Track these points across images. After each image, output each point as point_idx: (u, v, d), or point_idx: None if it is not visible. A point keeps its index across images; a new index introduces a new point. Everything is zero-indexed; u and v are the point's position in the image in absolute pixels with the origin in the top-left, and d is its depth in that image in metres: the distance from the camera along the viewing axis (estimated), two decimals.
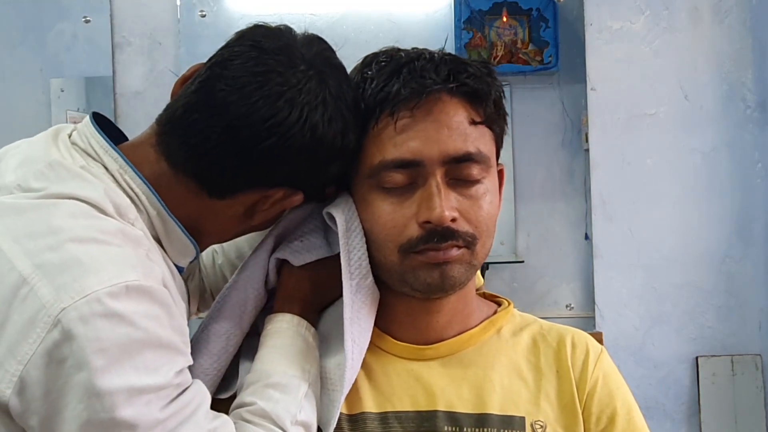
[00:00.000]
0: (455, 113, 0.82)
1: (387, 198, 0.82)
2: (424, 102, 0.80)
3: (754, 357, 2.47)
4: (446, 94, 0.81)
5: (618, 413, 0.88)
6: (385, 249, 0.82)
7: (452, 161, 0.81)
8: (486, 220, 0.83)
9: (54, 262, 0.70)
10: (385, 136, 0.81)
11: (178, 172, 0.81)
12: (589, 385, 0.88)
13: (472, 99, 0.83)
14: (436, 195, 0.80)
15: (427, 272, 0.81)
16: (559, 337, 0.92)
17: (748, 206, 2.49)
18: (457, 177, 0.82)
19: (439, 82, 0.81)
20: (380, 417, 0.84)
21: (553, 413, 0.86)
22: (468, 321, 0.90)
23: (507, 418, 0.84)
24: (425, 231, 0.80)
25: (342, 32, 2.59)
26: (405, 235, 0.81)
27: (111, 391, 0.68)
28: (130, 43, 2.43)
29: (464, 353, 0.89)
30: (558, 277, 2.61)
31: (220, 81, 0.81)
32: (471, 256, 0.83)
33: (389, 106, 0.81)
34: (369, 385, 0.86)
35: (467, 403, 0.85)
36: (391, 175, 0.81)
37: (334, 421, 0.80)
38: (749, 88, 2.50)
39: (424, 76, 0.81)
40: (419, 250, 0.81)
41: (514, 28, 2.63)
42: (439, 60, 0.83)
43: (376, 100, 0.82)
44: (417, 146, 0.80)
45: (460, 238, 0.81)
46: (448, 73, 0.82)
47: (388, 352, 0.88)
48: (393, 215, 0.81)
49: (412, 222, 0.81)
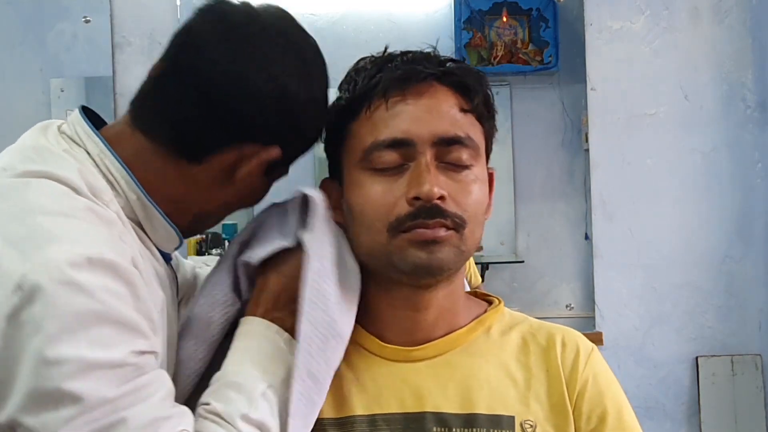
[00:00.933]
0: (445, 99, 0.84)
1: (378, 178, 0.83)
2: (415, 85, 0.83)
3: (754, 357, 2.47)
4: (437, 82, 0.84)
5: (608, 412, 0.87)
6: (373, 229, 0.83)
7: (442, 142, 0.82)
8: (474, 206, 0.84)
9: (20, 234, 0.71)
10: (377, 117, 0.83)
11: (154, 142, 0.83)
12: (579, 384, 0.88)
13: (462, 89, 0.85)
14: (425, 172, 0.81)
15: (414, 252, 0.81)
16: (549, 335, 0.91)
17: (748, 206, 2.50)
18: (446, 161, 0.83)
19: (430, 68, 0.84)
20: (368, 420, 0.84)
21: (543, 413, 0.86)
22: (456, 320, 0.90)
23: (495, 418, 0.84)
24: (414, 208, 0.81)
25: (342, 32, 2.59)
26: (394, 213, 0.81)
27: (60, 359, 0.67)
28: (130, 43, 2.43)
29: (452, 354, 0.88)
30: (558, 277, 2.62)
31: (184, 46, 0.84)
32: (459, 240, 0.83)
33: (381, 89, 0.83)
34: (356, 389, 0.85)
35: (455, 404, 0.85)
36: (382, 154, 0.82)
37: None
38: (749, 88, 2.50)
39: (415, 63, 0.84)
40: (407, 227, 0.81)
41: (514, 28, 2.63)
42: (433, 54, 0.87)
43: (368, 85, 0.84)
44: (408, 126, 0.82)
45: (449, 218, 0.81)
46: (439, 63, 0.85)
47: (376, 354, 0.87)
48: (383, 194, 0.82)
49: (401, 200, 0.81)
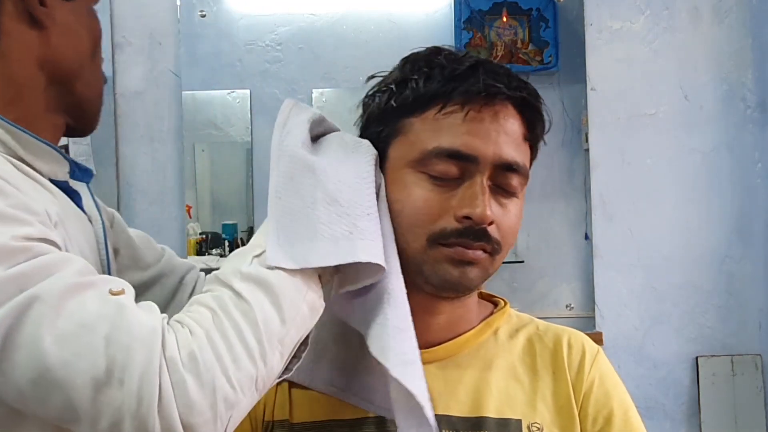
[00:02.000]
0: (515, 123, 0.83)
1: (429, 185, 0.81)
2: (493, 104, 0.82)
3: (754, 357, 2.47)
4: (511, 104, 0.83)
5: (615, 414, 0.87)
6: (411, 234, 0.82)
7: (502, 167, 0.82)
8: (513, 234, 0.84)
9: None
10: (446, 124, 0.81)
11: None
12: (585, 386, 0.88)
13: (530, 116, 0.85)
14: (481, 193, 0.80)
15: (448, 267, 0.81)
16: (555, 337, 0.92)
17: (748, 206, 2.49)
18: (498, 184, 0.83)
19: (511, 90, 0.83)
20: (377, 421, 0.84)
21: (550, 415, 0.86)
22: (465, 323, 0.90)
23: (503, 421, 0.84)
24: (462, 226, 0.80)
25: (342, 32, 2.59)
26: (439, 224, 0.81)
27: None
28: (130, 43, 2.43)
29: (461, 356, 0.88)
30: (558, 277, 2.61)
31: None
32: (490, 264, 0.83)
33: (460, 96, 0.81)
34: None
35: (463, 407, 0.85)
36: (442, 162, 0.81)
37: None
38: (749, 88, 2.50)
39: (498, 80, 0.82)
40: (449, 243, 0.80)
41: (514, 28, 2.63)
42: (507, 71, 0.86)
43: (446, 86, 0.82)
44: (477, 143, 0.81)
45: (491, 243, 0.81)
46: (517, 85, 0.84)
47: None
48: (431, 202, 0.81)
49: (449, 214, 0.81)
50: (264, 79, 2.62)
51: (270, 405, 0.87)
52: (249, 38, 2.61)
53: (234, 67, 2.64)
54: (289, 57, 2.60)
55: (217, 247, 2.66)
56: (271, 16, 2.61)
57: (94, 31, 0.90)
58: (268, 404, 0.87)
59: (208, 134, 2.67)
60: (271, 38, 2.60)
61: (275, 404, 0.87)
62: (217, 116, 2.68)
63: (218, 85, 2.67)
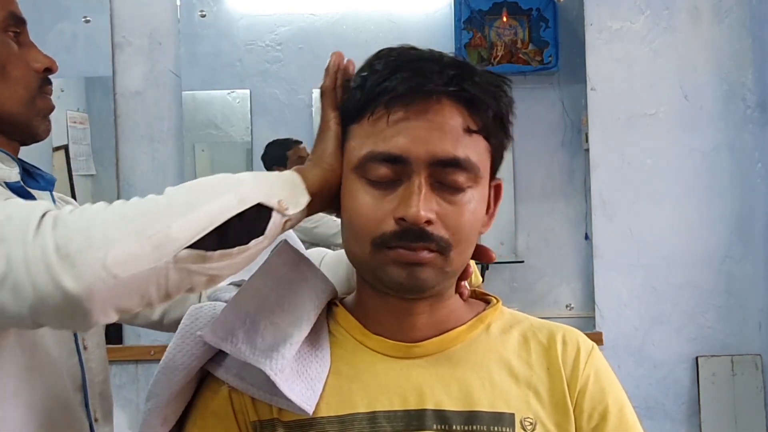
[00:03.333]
0: (450, 117, 0.81)
1: (370, 190, 0.82)
2: (420, 101, 0.80)
3: (754, 357, 2.47)
4: (445, 98, 0.81)
5: (610, 410, 0.87)
6: (360, 241, 0.83)
7: (438, 164, 0.81)
8: (466, 228, 0.83)
9: None
10: (377, 128, 0.82)
11: None
12: (580, 382, 0.88)
13: (471, 106, 0.82)
14: (415, 194, 0.80)
15: (396, 270, 0.81)
16: (549, 334, 0.92)
17: (748, 206, 2.49)
18: (442, 181, 0.81)
19: (440, 84, 0.80)
20: (369, 417, 0.84)
21: (544, 410, 0.86)
22: (454, 320, 0.90)
23: (496, 415, 0.84)
24: (400, 228, 0.80)
25: (342, 32, 2.59)
26: (380, 228, 0.81)
27: None
28: (130, 43, 2.43)
29: (453, 350, 0.88)
30: (558, 277, 2.61)
31: None
32: (444, 262, 0.82)
33: (386, 99, 0.81)
34: (357, 386, 0.85)
35: (456, 401, 0.85)
36: (376, 167, 0.81)
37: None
38: (749, 88, 2.50)
39: (425, 75, 0.81)
40: (391, 245, 0.81)
41: (514, 28, 2.63)
42: (448, 63, 0.83)
43: (375, 91, 0.82)
44: (405, 143, 0.80)
45: (433, 242, 0.81)
46: (452, 77, 0.81)
47: (376, 351, 0.88)
48: (372, 208, 0.81)
49: (389, 217, 0.81)
50: (264, 79, 2.62)
51: (257, 404, 0.86)
52: (249, 38, 2.61)
53: (234, 67, 2.64)
54: (289, 57, 2.60)
55: None
56: (271, 16, 2.61)
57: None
58: (256, 403, 0.86)
59: (208, 134, 2.67)
60: (271, 38, 2.60)
61: (258, 403, 0.86)
62: (217, 116, 2.68)
63: (218, 85, 2.67)
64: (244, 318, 0.83)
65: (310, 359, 0.85)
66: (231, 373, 0.85)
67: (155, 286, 0.71)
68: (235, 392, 0.86)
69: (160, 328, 1.18)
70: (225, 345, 0.81)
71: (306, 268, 0.91)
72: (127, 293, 0.70)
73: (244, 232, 0.74)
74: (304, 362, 0.84)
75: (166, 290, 0.72)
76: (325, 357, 0.87)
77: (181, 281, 0.72)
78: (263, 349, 0.81)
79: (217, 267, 0.74)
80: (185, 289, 0.74)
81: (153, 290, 0.71)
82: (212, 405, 0.87)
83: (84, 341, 1.01)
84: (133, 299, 0.71)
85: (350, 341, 0.89)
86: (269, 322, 0.84)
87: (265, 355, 0.81)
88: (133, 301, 0.71)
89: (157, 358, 0.87)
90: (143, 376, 2.38)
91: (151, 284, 0.71)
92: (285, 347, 0.82)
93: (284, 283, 0.88)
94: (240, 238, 0.74)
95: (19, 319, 0.72)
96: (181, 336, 0.86)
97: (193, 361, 0.85)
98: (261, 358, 0.80)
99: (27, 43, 1.00)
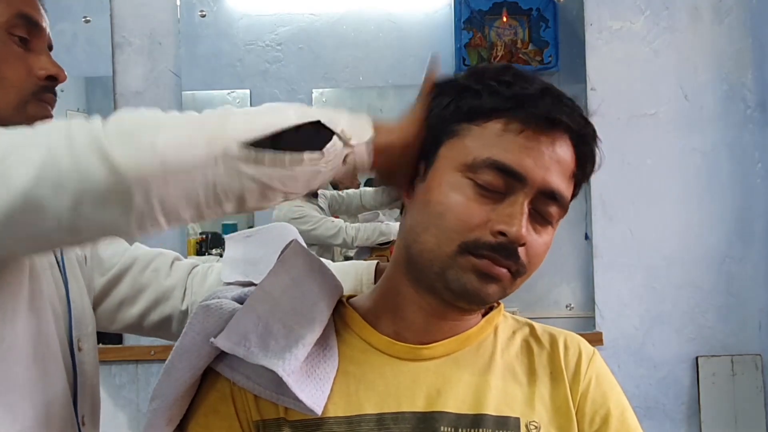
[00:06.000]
0: (568, 158, 0.85)
1: (473, 192, 0.82)
2: (555, 130, 0.83)
3: (754, 357, 2.47)
4: (569, 137, 0.85)
5: (611, 414, 0.88)
6: (444, 238, 0.82)
7: (545, 193, 0.83)
8: (539, 261, 0.85)
9: None
10: (505, 137, 0.82)
11: None
12: (582, 386, 0.89)
13: (584, 154, 0.87)
14: (520, 213, 0.81)
15: (472, 277, 0.82)
16: (551, 339, 0.93)
17: (748, 206, 2.49)
18: (538, 210, 0.84)
19: (573, 123, 0.84)
20: (377, 418, 0.84)
21: (548, 414, 0.87)
22: (464, 324, 0.91)
23: (502, 419, 0.85)
24: (496, 240, 0.81)
25: (342, 32, 2.59)
26: (474, 234, 0.81)
27: None
28: (130, 43, 2.43)
29: (461, 354, 0.89)
30: (558, 277, 2.61)
31: None
32: (511, 285, 0.85)
33: (524, 116, 0.82)
34: (365, 387, 0.86)
35: (463, 404, 0.85)
36: (493, 174, 0.82)
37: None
38: (749, 88, 2.50)
39: (563, 110, 0.84)
40: (479, 254, 0.81)
41: (514, 28, 2.63)
42: (576, 107, 0.87)
43: (511, 103, 0.83)
44: (530, 164, 0.82)
45: (518, 264, 0.83)
46: (579, 120, 0.86)
47: (385, 352, 0.88)
48: (471, 211, 0.82)
49: (485, 226, 0.81)
50: (264, 79, 2.62)
51: (260, 403, 0.86)
52: (249, 38, 2.61)
53: (234, 67, 2.64)
54: (289, 57, 2.60)
55: (217, 247, 2.66)
56: (271, 16, 2.61)
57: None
58: (259, 403, 0.86)
59: None
60: (271, 38, 2.60)
61: (262, 402, 0.86)
62: None
63: (218, 85, 2.67)
64: (257, 321, 0.83)
65: (319, 359, 0.86)
66: (237, 372, 0.85)
67: (203, 184, 0.69)
68: (237, 391, 0.86)
69: (140, 331, 1.16)
70: (239, 350, 0.81)
71: (317, 267, 0.92)
72: (174, 183, 0.67)
73: (299, 141, 0.73)
74: (312, 362, 0.85)
75: (214, 192, 0.69)
76: (333, 357, 0.87)
77: (230, 183, 0.69)
78: (276, 351, 0.81)
79: (268, 174, 0.71)
80: (235, 196, 0.71)
81: (200, 189, 0.69)
82: (214, 403, 0.87)
83: (79, 342, 1.00)
84: (179, 193, 0.68)
85: (358, 341, 0.89)
86: (282, 324, 0.84)
87: (278, 357, 0.81)
88: (179, 197, 0.69)
89: (158, 358, 0.87)
90: (143, 376, 2.37)
91: (199, 180, 0.68)
92: (298, 348, 0.82)
93: (296, 283, 0.88)
94: (294, 144, 0.72)
95: (55, 217, 0.67)
96: (189, 336, 0.86)
97: (201, 362, 0.85)
98: (274, 359, 0.80)
99: (38, 49, 0.96)
